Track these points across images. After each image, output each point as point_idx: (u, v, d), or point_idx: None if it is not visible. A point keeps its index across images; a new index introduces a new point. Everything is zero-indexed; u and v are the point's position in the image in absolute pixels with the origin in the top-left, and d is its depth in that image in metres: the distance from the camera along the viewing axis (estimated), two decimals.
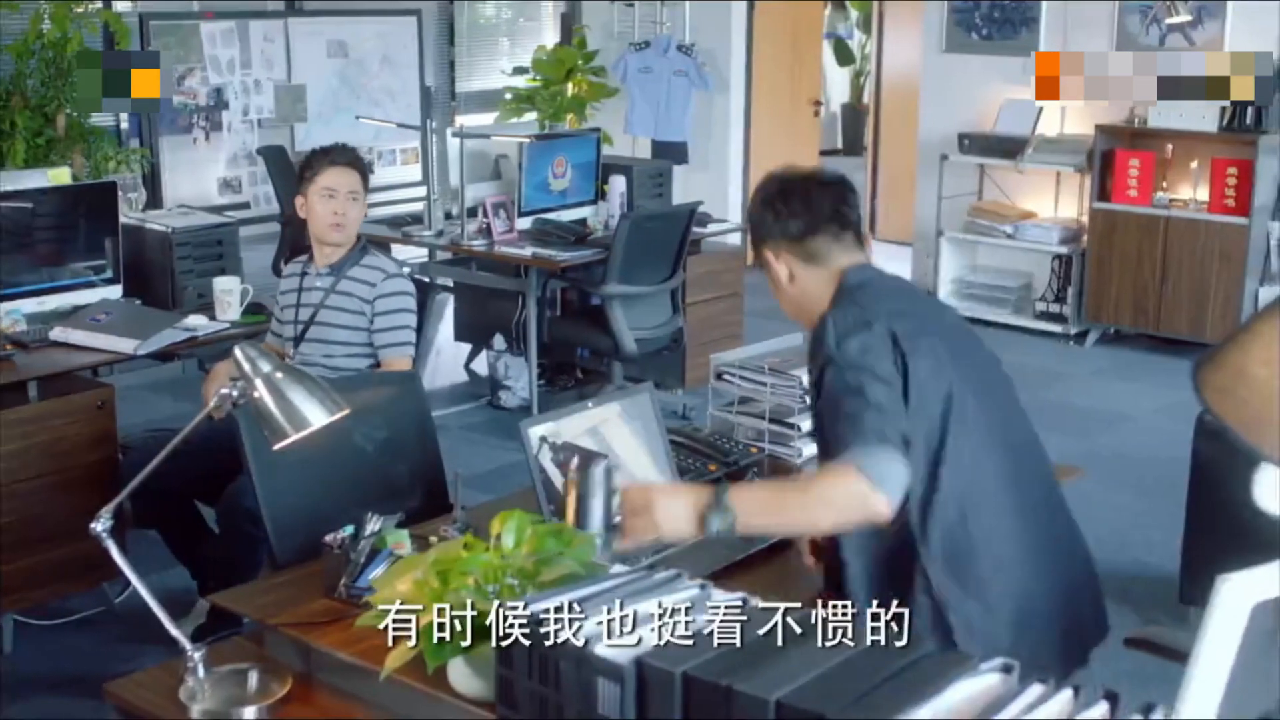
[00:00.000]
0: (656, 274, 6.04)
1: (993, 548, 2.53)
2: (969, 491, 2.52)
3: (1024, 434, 2.70)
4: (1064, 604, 2.63)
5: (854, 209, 2.70)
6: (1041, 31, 8.18)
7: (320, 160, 4.22)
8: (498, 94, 9.35)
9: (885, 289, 2.65)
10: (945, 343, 2.57)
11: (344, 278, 4.19)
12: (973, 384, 2.57)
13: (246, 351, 2.30)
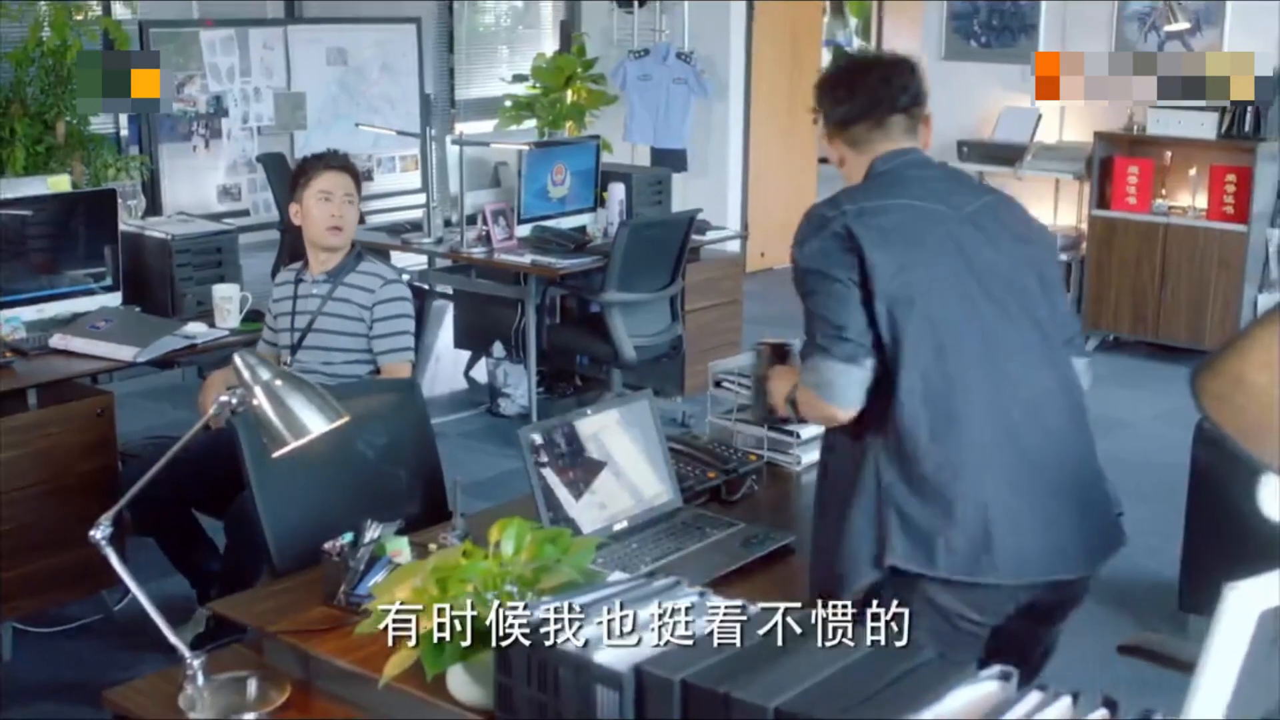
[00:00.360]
0: (655, 281, 6.05)
1: (951, 454, 2.47)
2: (929, 390, 2.48)
3: (1024, 347, 2.57)
4: (1041, 524, 2.53)
5: (906, 93, 2.65)
6: (1040, 38, 8.19)
7: (314, 165, 4.23)
8: (497, 101, 9.37)
9: (900, 178, 2.61)
10: (934, 240, 2.54)
11: (341, 284, 4.19)
12: (958, 285, 2.52)
13: (246, 359, 2.30)
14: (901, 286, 2.48)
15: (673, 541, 2.88)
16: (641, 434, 3.07)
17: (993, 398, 2.52)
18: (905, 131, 2.65)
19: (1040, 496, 2.54)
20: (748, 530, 2.95)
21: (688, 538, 2.91)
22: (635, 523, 2.95)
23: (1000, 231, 2.61)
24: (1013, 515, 2.49)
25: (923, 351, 2.48)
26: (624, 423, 3.04)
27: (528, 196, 6.26)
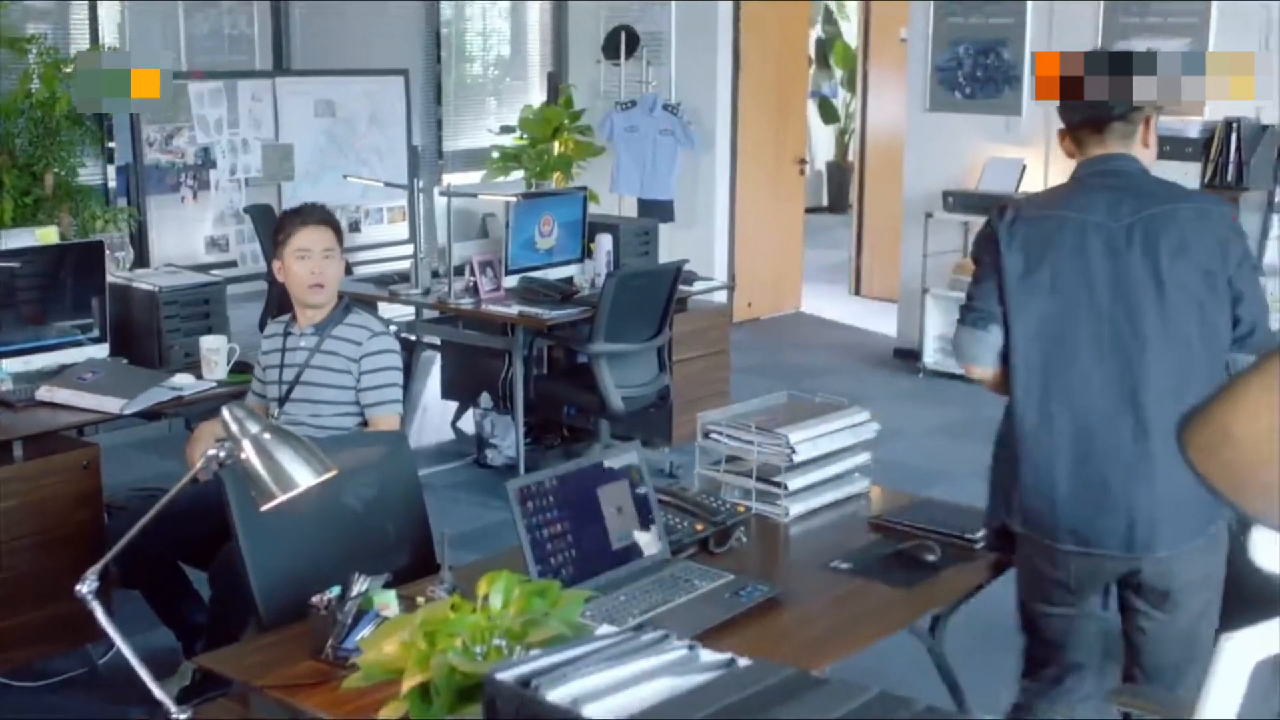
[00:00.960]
0: (643, 332, 6.06)
1: (1043, 425, 2.95)
2: (1026, 373, 2.96)
3: (1091, 348, 2.91)
4: (1069, 506, 2.93)
5: (1123, 102, 2.98)
6: (1024, 90, 8.24)
7: (291, 222, 4.20)
8: (484, 153, 9.40)
9: (1083, 186, 3.01)
10: (1056, 250, 2.93)
11: (329, 337, 4.18)
12: (1071, 278, 2.91)
13: (234, 412, 2.30)
14: (1024, 286, 2.95)
15: (661, 594, 2.88)
16: (630, 485, 3.07)
17: (1080, 387, 2.91)
18: (1121, 137, 3.01)
19: (1086, 477, 2.92)
20: (736, 582, 2.95)
21: (676, 590, 2.90)
22: (623, 575, 2.95)
23: (1153, 244, 2.88)
24: (1054, 487, 2.94)
25: (1031, 339, 2.95)
26: (612, 474, 3.04)
27: (515, 247, 6.28)
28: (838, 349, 9.36)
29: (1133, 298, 2.88)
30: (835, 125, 15.66)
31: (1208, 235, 2.90)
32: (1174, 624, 2.98)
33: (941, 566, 3.13)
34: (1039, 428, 2.96)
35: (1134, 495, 2.87)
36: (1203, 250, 2.88)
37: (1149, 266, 2.87)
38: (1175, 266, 2.87)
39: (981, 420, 7.41)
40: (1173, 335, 2.87)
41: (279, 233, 4.21)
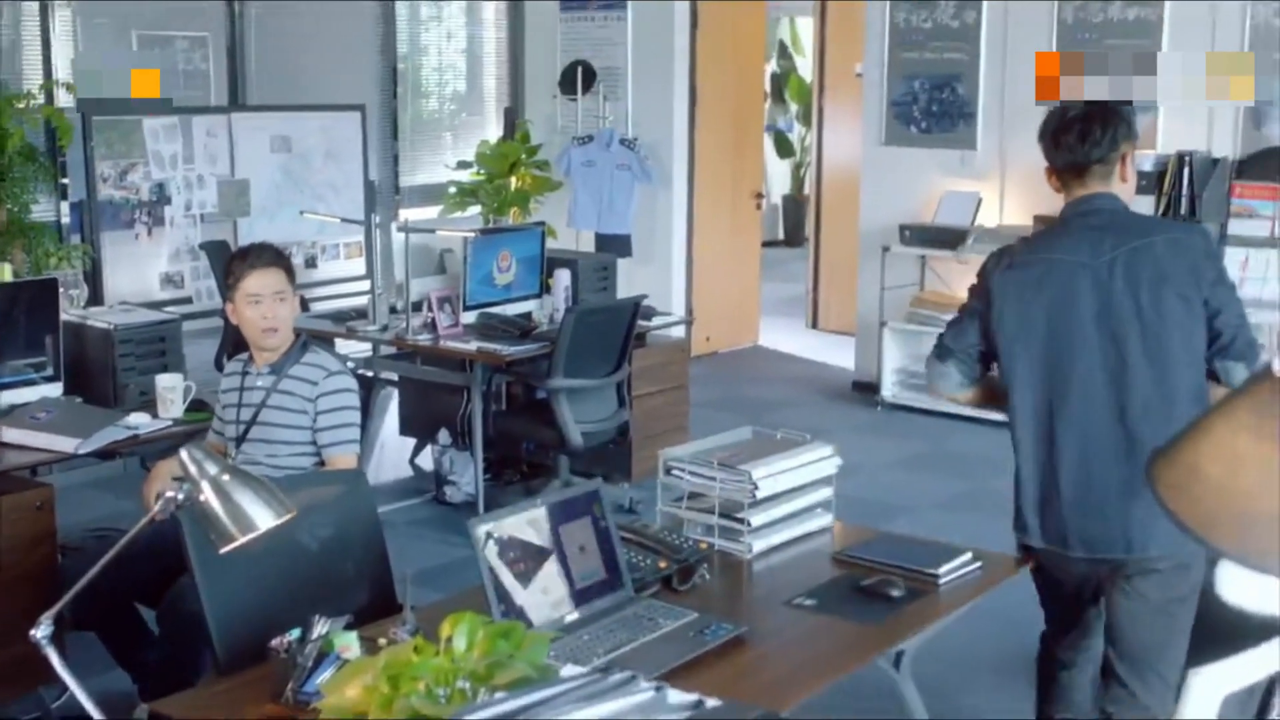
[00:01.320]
0: (602, 367, 6.05)
1: (1021, 441, 3.35)
2: (1026, 406, 3.30)
3: (1085, 378, 3.22)
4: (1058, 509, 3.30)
5: (1099, 147, 3.24)
6: (979, 124, 8.31)
7: (240, 266, 4.13)
8: (441, 188, 9.38)
9: (1067, 228, 3.31)
10: (1046, 291, 3.23)
11: (285, 376, 4.15)
12: (1062, 315, 3.23)
13: (192, 453, 2.27)
14: (1020, 323, 3.27)
15: (625, 633, 2.86)
16: (593, 523, 3.05)
17: (1079, 418, 3.23)
18: (1101, 179, 3.28)
19: (1089, 497, 3.26)
20: (700, 620, 2.93)
21: (640, 629, 2.88)
22: (586, 613, 2.93)
23: (1134, 276, 3.17)
24: (1061, 508, 3.29)
25: (1029, 380, 3.29)
26: (575, 512, 3.02)
27: (473, 283, 6.25)
28: (796, 382, 9.38)
29: (1118, 328, 3.18)
30: (791, 159, 15.74)
31: (1181, 263, 3.18)
32: (1157, 603, 3.28)
33: (904, 602, 3.12)
34: (1044, 461, 3.31)
35: (1129, 507, 3.19)
36: (1178, 277, 3.16)
37: (1131, 297, 3.17)
38: (1154, 295, 3.15)
39: (941, 454, 7.50)
40: (1156, 358, 3.16)
41: (229, 276, 4.16)
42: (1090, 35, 7.85)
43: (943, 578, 3.24)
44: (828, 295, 11.02)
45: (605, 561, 3.03)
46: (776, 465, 3.46)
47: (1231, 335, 3.18)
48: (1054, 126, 3.31)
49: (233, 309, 4.13)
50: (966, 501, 6.80)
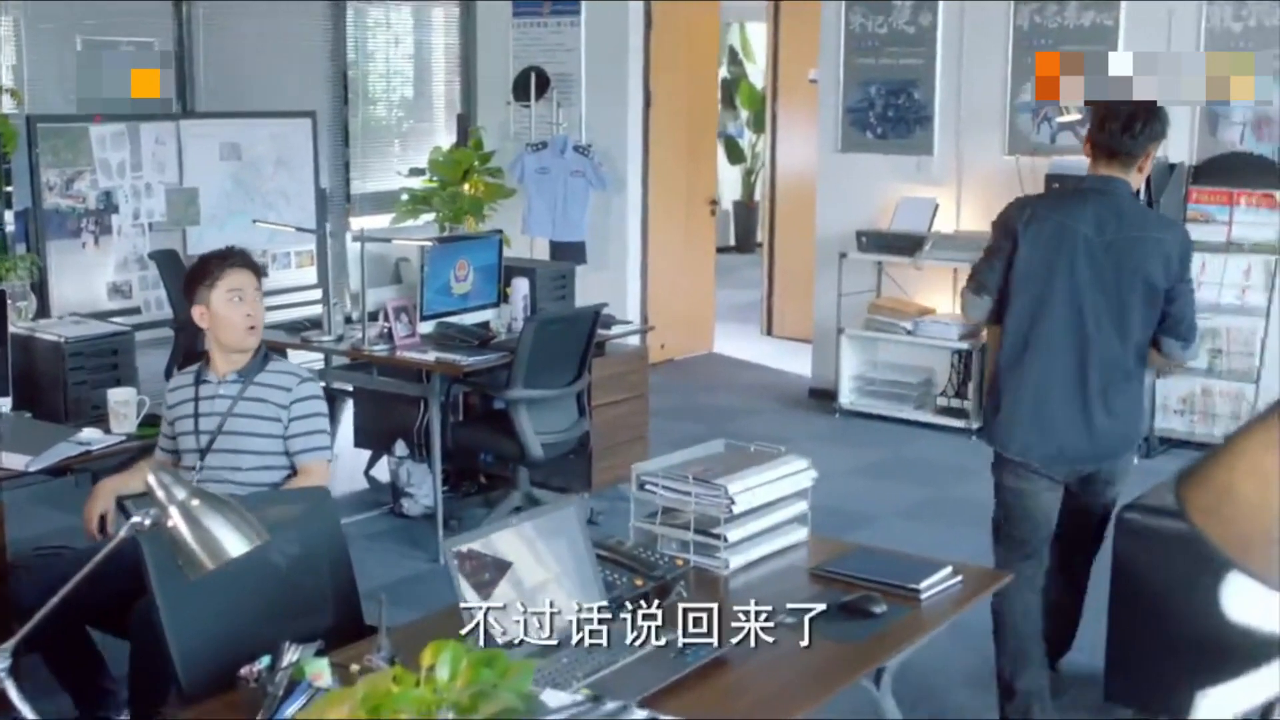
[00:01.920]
0: (562, 377, 5.96)
1: (1001, 366, 4.13)
2: (1014, 331, 4.06)
3: (1094, 329, 3.97)
4: (1050, 431, 4.07)
5: (1135, 141, 3.93)
6: (935, 130, 8.29)
7: (219, 265, 4.06)
8: (393, 195, 9.26)
9: (1083, 198, 4.03)
10: (1054, 249, 3.95)
11: (253, 384, 4.05)
12: (1053, 276, 3.95)
13: (160, 477, 2.17)
14: (1028, 267, 3.99)
15: (604, 655, 2.77)
16: (568, 542, 2.97)
17: (1059, 347, 4.00)
18: (1123, 166, 3.96)
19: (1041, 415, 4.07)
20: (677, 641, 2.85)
21: (619, 650, 2.80)
22: (563, 635, 2.84)
23: (1120, 258, 3.93)
24: (1035, 418, 4.07)
25: (1022, 307, 4.03)
26: (550, 531, 2.94)
27: (430, 293, 6.15)
28: (753, 390, 9.33)
29: (1095, 296, 3.95)
30: (741, 165, 15.71)
31: (1159, 258, 3.94)
32: (1101, 498, 4.27)
33: (887, 618, 3.06)
34: (1014, 371, 4.08)
35: (1072, 433, 4.06)
36: (1154, 269, 3.94)
37: (1114, 274, 3.94)
38: (1132, 278, 3.94)
39: (900, 461, 7.47)
40: (1119, 325, 3.96)
41: (202, 276, 4.04)
42: (1046, 41, 7.85)
43: (924, 593, 3.19)
44: (782, 302, 10.98)
45: (582, 581, 2.94)
46: (752, 479, 3.39)
47: (1178, 319, 4.02)
48: (1106, 111, 4.03)
49: (203, 311, 4.01)
50: (929, 510, 6.76)
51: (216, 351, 4.07)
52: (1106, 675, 4.26)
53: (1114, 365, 3.98)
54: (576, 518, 3.01)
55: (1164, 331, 4.02)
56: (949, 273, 8.22)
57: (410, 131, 9.91)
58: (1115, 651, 4.22)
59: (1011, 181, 7.84)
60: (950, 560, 3.36)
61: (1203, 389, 7.41)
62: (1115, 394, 4.02)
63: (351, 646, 2.80)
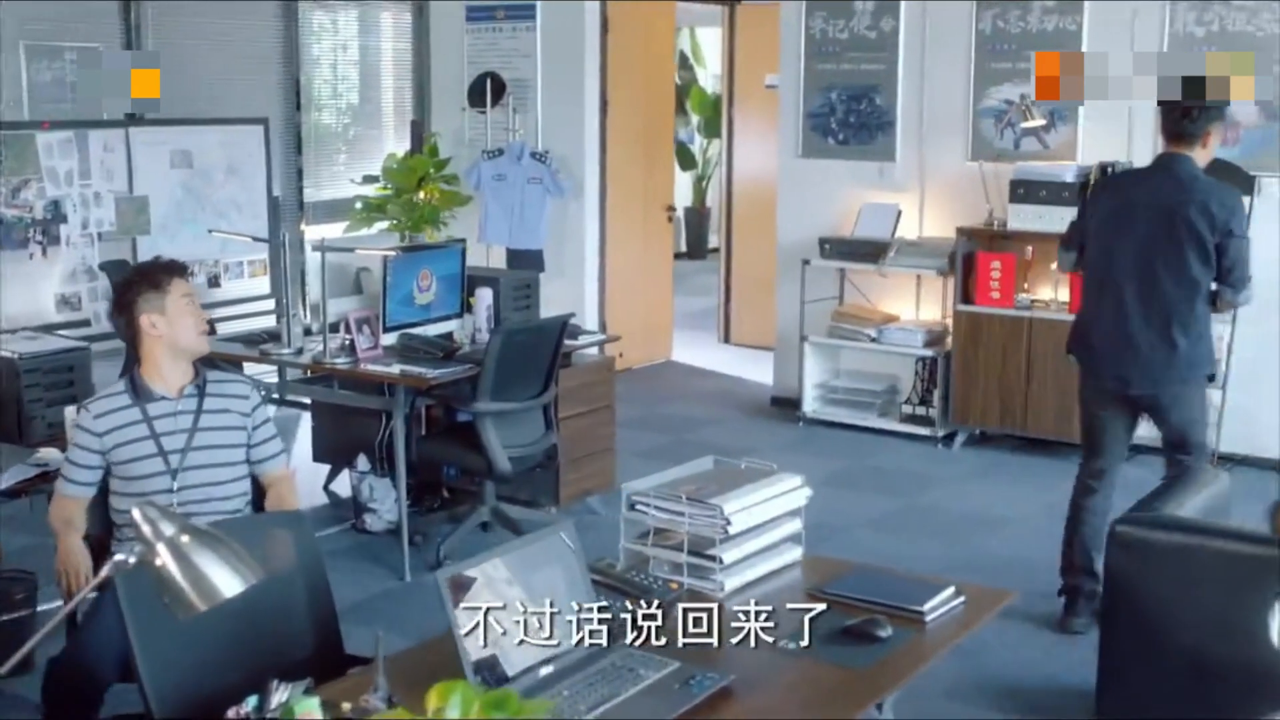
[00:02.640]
0: (529, 389, 5.83)
1: (1091, 308, 5.22)
2: (1090, 278, 5.20)
3: (1152, 278, 4.97)
4: (1108, 357, 5.13)
5: (1195, 124, 4.90)
6: (898, 136, 8.22)
7: (167, 274, 3.92)
8: (346, 203, 9.09)
9: (1151, 171, 5.16)
10: (1122, 212, 5.03)
11: (209, 396, 3.92)
12: (1120, 233, 5.00)
13: (146, 512, 2.03)
14: (1100, 226, 5.10)
15: (605, 687, 2.66)
16: (563, 568, 2.84)
17: (1124, 289, 4.99)
18: (1187, 144, 4.93)
19: (1113, 346, 5.09)
20: (683, 670, 2.74)
21: (621, 682, 2.68)
22: (562, 665, 2.72)
23: (1173, 217, 4.88)
24: (1103, 347, 5.13)
25: (1097, 257, 5.10)
26: (545, 556, 2.81)
27: (393, 303, 5.99)
28: (714, 398, 9.22)
29: (1154, 249, 4.93)
30: (692, 171, 15.61)
31: (1205, 217, 4.85)
32: (1166, 423, 5.17)
33: (892, 642, 2.95)
34: (1093, 311, 5.17)
35: (1133, 361, 5.03)
36: (1201, 227, 4.85)
37: (1166, 233, 4.90)
38: (1183, 235, 4.87)
39: (865, 470, 7.39)
40: (1173, 276, 4.91)
41: (151, 286, 3.87)
42: (1009, 45, 7.80)
43: (928, 614, 3.08)
44: (740, 309, 10.88)
45: (578, 608, 2.82)
46: (747, 498, 3.27)
47: (1228, 269, 4.91)
48: (1171, 106, 4.94)
49: (153, 320, 3.84)
50: (896, 520, 6.68)
51: (167, 363, 3.88)
52: (1098, 692, 4.18)
53: (1171, 306, 4.92)
54: (571, 541, 2.88)
55: (1219, 280, 4.94)
56: (912, 279, 8.16)
57: (362, 138, 9.72)
58: (1107, 667, 4.14)
59: (975, 187, 7.80)
60: (924, 573, 3.30)
61: None
62: (1173, 330, 4.93)
63: (338, 683, 2.66)
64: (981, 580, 4.26)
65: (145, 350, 3.89)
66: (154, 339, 3.86)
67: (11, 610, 4.61)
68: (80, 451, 3.83)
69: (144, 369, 3.90)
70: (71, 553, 3.77)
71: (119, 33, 8.04)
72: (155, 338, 3.86)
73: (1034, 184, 7.44)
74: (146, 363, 3.90)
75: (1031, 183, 7.45)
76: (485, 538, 6.19)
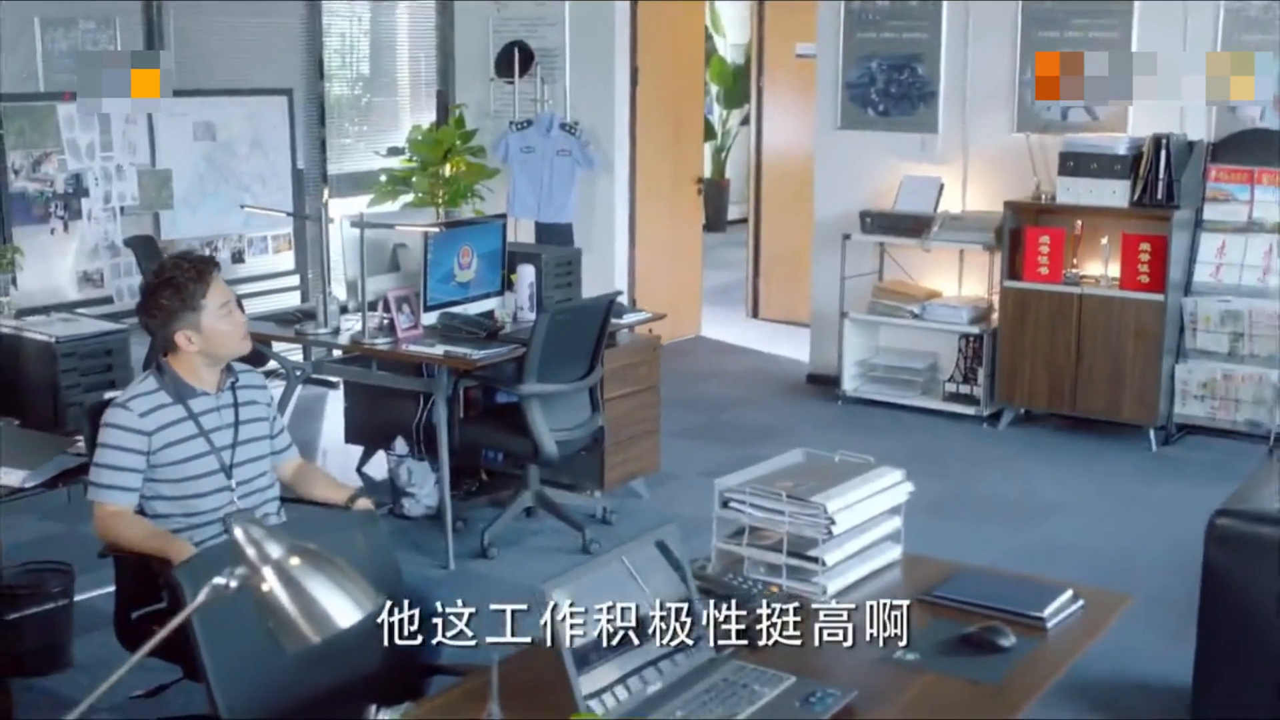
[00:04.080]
0: (575, 370, 5.62)
1: None
2: None
3: None
4: None
5: None
6: (940, 107, 7.98)
7: (197, 282, 3.56)
8: (370, 176, 8.85)
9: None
10: None
11: (241, 389, 3.73)
12: None
13: (249, 531, 1.82)
14: None
15: (721, 706, 2.46)
16: (664, 573, 2.64)
17: None
18: None
19: None
20: (800, 686, 2.54)
21: (736, 700, 2.48)
22: (669, 680, 2.52)
23: None
24: None
25: None
26: (646, 560, 2.61)
27: (433, 281, 5.78)
28: (747, 376, 9.01)
29: None
30: (711, 142, 15.34)
31: None
32: None
33: (1017, 652, 2.75)
34: None
35: None
36: None
37: None
38: None
39: (911, 451, 7.17)
40: None
41: (183, 301, 3.54)
42: (1057, 13, 7.55)
43: (1049, 620, 2.88)
44: (768, 284, 10.66)
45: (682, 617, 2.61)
46: (849, 495, 3.07)
47: None
48: None
49: (189, 337, 3.55)
50: (949, 505, 6.47)
51: (204, 368, 3.64)
52: (1194, 695, 3.98)
53: None
54: (674, 543, 2.67)
55: None
56: (954, 254, 7.94)
57: (387, 110, 9.46)
58: (1204, 669, 3.94)
59: (1021, 160, 7.57)
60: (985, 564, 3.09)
61: (1224, 374, 7.14)
62: None
63: (433, 701, 2.46)
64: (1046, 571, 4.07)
65: (180, 356, 3.62)
66: (192, 352, 3.61)
67: (48, 601, 4.41)
68: (123, 454, 3.52)
69: (177, 365, 3.63)
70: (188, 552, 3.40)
71: (140, 5, 7.79)
72: (194, 352, 3.61)
73: (1084, 156, 7.21)
74: (180, 363, 3.63)
75: (1082, 155, 7.21)
76: (528, 524, 6.00)
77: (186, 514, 3.56)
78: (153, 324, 3.61)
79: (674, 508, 6.25)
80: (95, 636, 4.53)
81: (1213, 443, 7.20)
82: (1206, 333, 7.19)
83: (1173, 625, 4.46)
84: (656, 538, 2.66)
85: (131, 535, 3.48)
